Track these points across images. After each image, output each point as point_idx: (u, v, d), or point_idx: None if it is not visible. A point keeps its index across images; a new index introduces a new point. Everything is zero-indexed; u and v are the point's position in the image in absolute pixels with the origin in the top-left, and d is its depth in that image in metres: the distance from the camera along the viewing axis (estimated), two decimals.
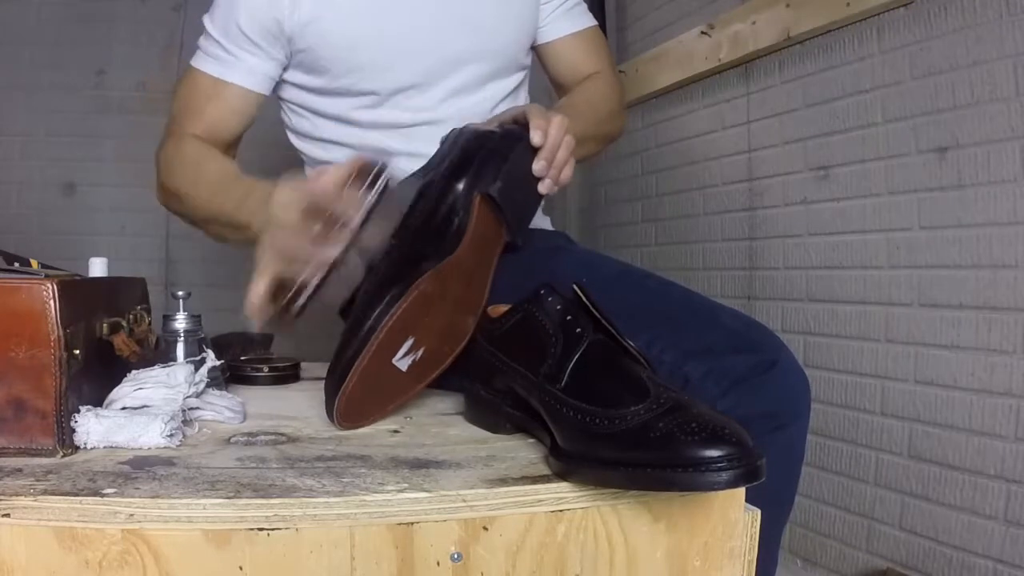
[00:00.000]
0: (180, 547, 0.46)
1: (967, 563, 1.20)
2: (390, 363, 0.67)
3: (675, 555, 0.53)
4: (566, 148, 0.82)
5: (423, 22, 0.94)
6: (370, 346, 0.64)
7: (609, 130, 1.08)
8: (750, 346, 0.75)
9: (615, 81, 1.10)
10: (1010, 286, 1.15)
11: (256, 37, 0.92)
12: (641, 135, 2.05)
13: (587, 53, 1.09)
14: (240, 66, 0.94)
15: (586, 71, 1.08)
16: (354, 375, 0.64)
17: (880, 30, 1.34)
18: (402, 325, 0.65)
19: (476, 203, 0.75)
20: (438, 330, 0.70)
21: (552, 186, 0.83)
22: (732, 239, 1.74)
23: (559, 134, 0.82)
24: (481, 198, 0.76)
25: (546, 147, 0.81)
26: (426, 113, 0.96)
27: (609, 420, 0.50)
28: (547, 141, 0.81)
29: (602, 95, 1.06)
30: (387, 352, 0.66)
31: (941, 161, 1.24)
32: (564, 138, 0.82)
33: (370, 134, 0.97)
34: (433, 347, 0.70)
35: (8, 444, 0.54)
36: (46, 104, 2.17)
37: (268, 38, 0.92)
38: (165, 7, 2.25)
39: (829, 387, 1.47)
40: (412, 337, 0.67)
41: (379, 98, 0.96)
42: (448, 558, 0.49)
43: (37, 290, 0.54)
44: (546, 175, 0.82)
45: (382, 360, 0.66)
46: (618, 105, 1.09)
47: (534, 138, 0.80)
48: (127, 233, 2.23)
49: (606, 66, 1.10)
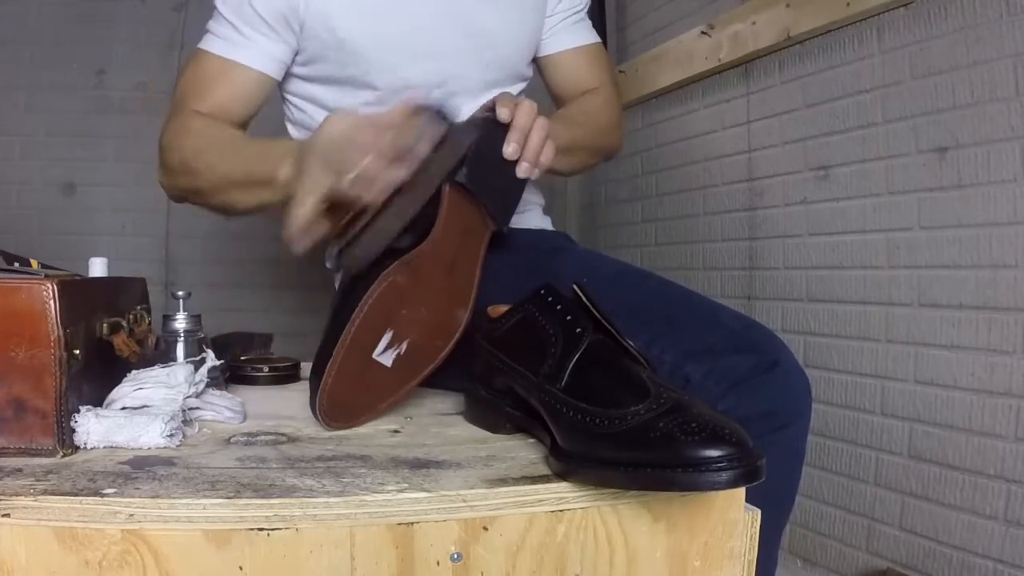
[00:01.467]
0: (180, 547, 0.46)
1: (967, 563, 1.20)
2: (371, 358, 0.66)
3: (675, 555, 0.53)
4: (540, 130, 0.80)
5: (426, 24, 0.94)
6: (343, 341, 0.63)
7: (605, 143, 1.07)
8: (751, 346, 0.75)
9: (614, 97, 1.09)
10: (1010, 286, 1.15)
11: (271, 19, 0.91)
12: (641, 135, 2.05)
13: (589, 68, 1.08)
14: (251, 47, 0.92)
15: (586, 85, 1.08)
16: (331, 372, 0.63)
17: (880, 30, 1.34)
18: (376, 318, 0.65)
19: (446, 192, 0.74)
20: (422, 323, 0.69)
21: (530, 169, 0.80)
22: (732, 239, 1.74)
23: (528, 116, 0.79)
24: (451, 187, 0.75)
25: (515, 128, 0.78)
26: None
27: (609, 420, 0.50)
28: (516, 122, 0.79)
29: (598, 108, 1.05)
30: (365, 347, 0.65)
31: (941, 161, 1.24)
32: (536, 120, 0.80)
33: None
34: (419, 341, 0.69)
35: (8, 444, 0.54)
36: (46, 104, 2.17)
37: (282, 22, 0.92)
38: (165, 7, 2.25)
39: (829, 387, 1.47)
40: (391, 330, 0.66)
41: (380, 95, 0.95)
42: (448, 558, 0.49)
43: (37, 290, 0.54)
44: (519, 157, 0.79)
45: (361, 355, 0.65)
46: (615, 119, 1.08)
47: (501, 114, 0.78)
48: (127, 233, 2.23)
49: (607, 82, 1.09)
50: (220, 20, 0.93)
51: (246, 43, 0.92)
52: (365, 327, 0.64)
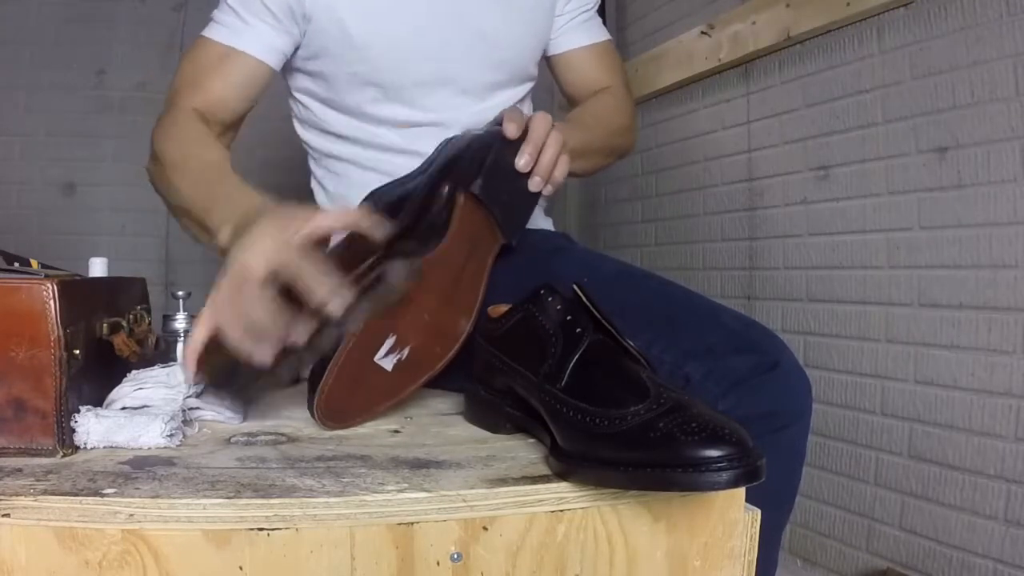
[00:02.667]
0: (180, 547, 0.46)
1: (967, 563, 1.20)
2: (372, 361, 0.66)
3: (675, 555, 0.53)
4: (554, 145, 0.80)
5: (432, 24, 0.94)
6: (346, 344, 0.63)
7: (618, 144, 1.07)
8: (751, 347, 0.75)
9: (626, 97, 1.09)
10: (1010, 286, 1.15)
11: (276, 9, 0.90)
12: (641, 135, 2.04)
13: (599, 66, 1.08)
14: (253, 34, 0.91)
15: (598, 84, 1.08)
16: (331, 373, 0.63)
17: (880, 30, 1.34)
18: (380, 321, 0.64)
19: (459, 201, 0.75)
20: (424, 328, 0.69)
21: (541, 183, 0.80)
22: (732, 239, 1.74)
23: (542, 130, 0.79)
24: (465, 196, 0.75)
25: (528, 142, 0.78)
26: (431, 114, 0.96)
27: (609, 420, 0.50)
28: (530, 136, 0.78)
29: (612, 109, 1.05)
30: (367, 350, 0.65)
31: (941, 161, 1.24)
32: (550, 134, 0.80)
33: (374, 129, 0.97)
34: (421, 346, 0.69)
35: (8, 444, 0.54)
36: (46, 104, 2.17)
37: (288, 13, 0.91)
38: (165, 7, 2.25)
39: (829, 387, 1.47)
40: (394, 335, 0.66)
41: (386, 92, 0.95)
42: (448, 558, 0.49)
43: (37, 290, 0.54)
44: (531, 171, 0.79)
45: (362, 358, 0.65)
46: (628, 120, 1.08)
47: (507, 130, 0.77)
48: (127, 233, 2.23)
49: (619, 81, 1.09)
50: (224, 9, 0.92)
51: (247, 29, 0.91)
52: (369, 330, 0.64)
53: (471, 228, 0.76)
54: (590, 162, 1.00)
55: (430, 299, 0.70)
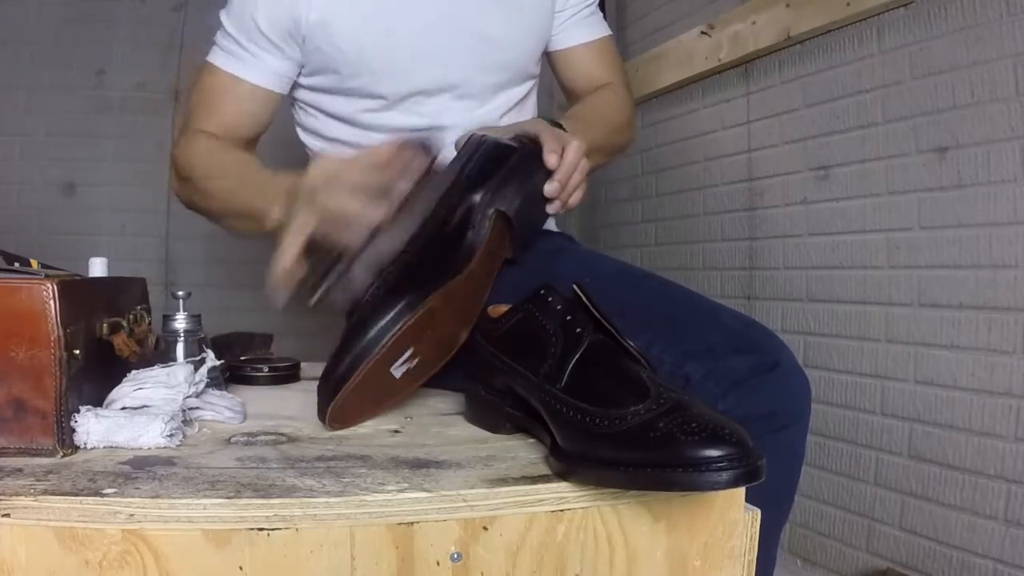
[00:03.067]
0: (180, 547, 0.46)
1: (967, 563, 1.20)
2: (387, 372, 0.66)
3: (675, 555, 0.53)
4: (580, 172, 0.82)
5: (432, 31, 0.94)
6: (371, 359, 0.63)
7: (617, 142, 1.07)
8: (751, 347, 0.75)
9: (626, 94, 1.09)
10: (1010, 286, 1.15)
11: (274, 37, 0.92)
12: (641, 135, 2.05)
13: (600, 63, 1.08)
14: (256, 64, 0.93)
15: (598, 81, 1.08)
16: (350, 386, 0.63)
17: (880, 30, 1.34)
18: (405, 339, 0.65)
19: (491, 222, 0.75)
20: (436, 341, 0.70)
21: (561, 207, 0.83)
22: (732, 239, 1.74)
23: (575, 158, 0.81)
24: (497, 215, 0.76)
25: (562, 170, 0.80)
26: (434, 119, 0.96)
27: (609, 420, 0.50)
28: (563, 166, 0.80)
29: (613, 107, 1.05)
30: (386, 364, 0.66)
31: (941, 161, 1.24)
32: (580, 163, 0.82)
33: (378, 137, 0.97)
34: (428, 356, 0.70)
35: (8, 444, 0.54)
36: (46, 104, 2.17)
37: (286, 38, 0.92)
38: (165, 7, 2.25)
39: (829, 387, 1.47)
40: (412, 348, 0.67)
41: (388, 102, 0.96)
42: (448, 558, 0.49)
43: (37, 290, 0.54)
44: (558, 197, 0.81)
45: (380, 371, 0.65)
46: (628, 118, 1.08)
47: (549, 161, 0.79)
48: (127, 233, 2.23)
49: (618, 78, 1.09)
50: (226, 35, 0.94)
51: (251, 60, 0.93)
52: (395, 347, 0.64)
53: (495, 245, 0.77)
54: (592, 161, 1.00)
55: (452, 316, 0.70)
